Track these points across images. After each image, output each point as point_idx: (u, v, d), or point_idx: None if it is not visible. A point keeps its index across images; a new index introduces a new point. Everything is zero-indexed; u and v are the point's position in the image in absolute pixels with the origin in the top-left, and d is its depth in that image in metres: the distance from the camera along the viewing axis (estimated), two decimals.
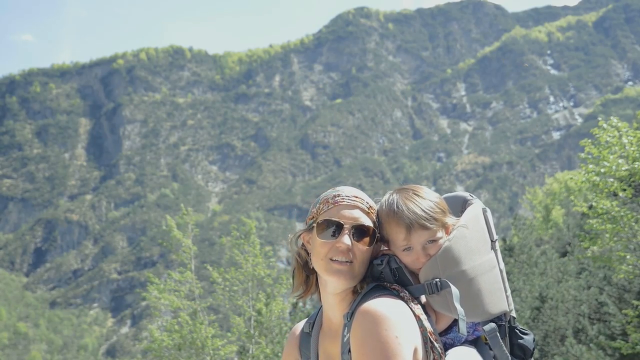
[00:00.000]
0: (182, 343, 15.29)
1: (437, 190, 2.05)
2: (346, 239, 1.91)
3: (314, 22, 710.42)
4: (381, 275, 1.95)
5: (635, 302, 11.59)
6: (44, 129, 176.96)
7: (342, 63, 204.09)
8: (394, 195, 1.99)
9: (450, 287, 1.85)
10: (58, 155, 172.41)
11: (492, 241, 2.01)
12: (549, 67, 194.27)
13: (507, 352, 1.94)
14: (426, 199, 1.96)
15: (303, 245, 2.04)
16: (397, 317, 1.79)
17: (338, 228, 1.93)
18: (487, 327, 1.93)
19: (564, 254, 22.76)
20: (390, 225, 1.95)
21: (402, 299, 1.87)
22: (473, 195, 2.09)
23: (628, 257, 10.85)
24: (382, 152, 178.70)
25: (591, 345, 13.48)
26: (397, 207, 1.95)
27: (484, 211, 2.04)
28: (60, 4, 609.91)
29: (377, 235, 1.98)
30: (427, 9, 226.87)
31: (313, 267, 2.02)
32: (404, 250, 1.95)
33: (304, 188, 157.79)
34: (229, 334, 16.09)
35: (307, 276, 2.05)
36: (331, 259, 1.93)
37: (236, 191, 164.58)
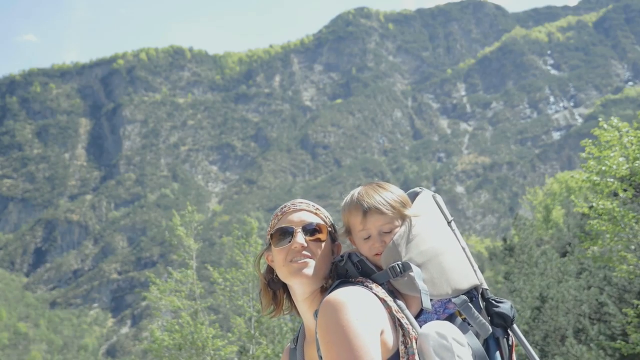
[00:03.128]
0: (182, 343, 15.29)
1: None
2: (299, 238, 2.00)
3: (314, 22, 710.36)
4: (347, 273, 2.00)
5: (636, 302, 11.60)
6: (44, 129, 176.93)
7: (342, 63, 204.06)
8: (359, 187, 2.11)
9: (411, 267, 1.92)
10: (58, 155, 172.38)
11: (448, 223, 2.10)
12: (549, 67, 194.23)
13: (485, 322, 1.95)
14: (387, 190, 2.06)
15: (268, 265, 2.12)
16: (356, 302, 1.82)
17: (289, 233, 2.01)
18: (456, 300, 1.96)
19: (564, 254, 22.76)
20: (350, 212, 2.05)
21: (365, 287, 1.91)
22: (423, 188, 2.18)
23: (628, 257, 10.86)
24: (382, 152, 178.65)
25: (591, 345, 13.49)
26: (358, 194, 2.06)
27: (434, 197, 2.14)
28: (62, 4, 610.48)
29: (330, 229, 2.09)
30: (428, 9, 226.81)
31: (278, 282, 2.10)
32: (362, 237, 2.03)
33: (304, 188, 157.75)
34: (229, 335, 16.08)
35: (274, 293, 2.12)
36: (290, 261, 1.99)
37: (236, 191, 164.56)
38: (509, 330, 2.04)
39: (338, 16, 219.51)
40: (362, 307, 1.81)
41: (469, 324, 1.95)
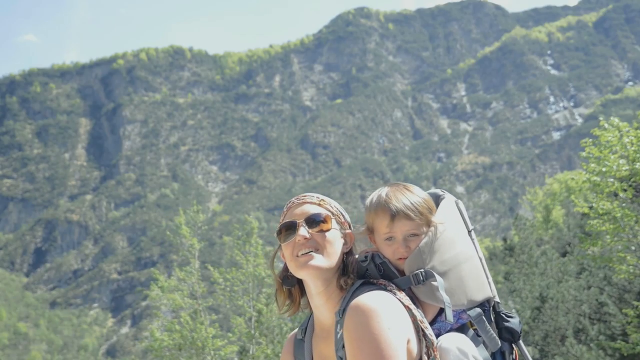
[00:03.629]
0: (182, 343, 15.28)
1: None
2: (302, 231, 1.98)
3: (314, 22, 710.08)
4: (367, 272, 2.00)
5: (636, 303, 11.61)
6: (44, 129, 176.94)
7: (342, 63, 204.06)
8: (385, 187, 2.09)
9: (434, 276, 1.92)
10: (58, 155, 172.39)
11: (468, 231, 2.09)
12: (549, 67, 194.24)
13: (495, 335, 1.98)
14: (415, 194, 2.05)
15: (285, 263, 2.11)
16: (388, 309, 1.82)
17: (293, 227, 2.01)
18: (472, 312, 1.97)
19: (564, 254, 22.77)
20: (377, 213, 2.03)
21: (389, 291, 1.90)
22: (444, 191, 2.15)
23: (628, 257, 10.86)
24: (382, 152, 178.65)
25: (591, 345, 13.50)
26: (386, 195, 2.03)
27: (457, 203, 2.12)
28: (63, 4, 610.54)
29: (338, 218, 2.06)
30: (428, 9, 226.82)
31: (293, 279, 2.08)
32: (386, 239, 2.02)
33: (304, 188, 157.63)
34: (229, 335, 16.08)
35: (289, 291, 2.11)
36: (297, 256, 1.98)
37: (236, 191, 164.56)
38: (514, 345, 2.06)
39: (338, 16, 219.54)
40: (392, 316, 1.82)
41: (478, 335, 1.97)
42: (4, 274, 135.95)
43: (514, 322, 2.03)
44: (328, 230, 2.00)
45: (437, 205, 2.10)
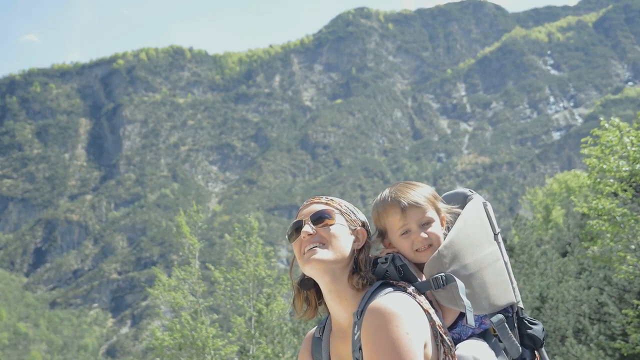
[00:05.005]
0: (182, 343, 15.29)
1: (437, 191, 2.11)
2: (305, 228, 1.99)
3: (314, 22, 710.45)
4: (386, 273, 1.97)
5: (636, 303, 11.61)
6: (44, 129, 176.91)
7: (342, 63, 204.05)
8: (386, 189, 2.10)
9: (455, 280, 1.88)
10: (58, 155, 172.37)
11: (494, 234, 2.04)
12: (549, 67, 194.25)
13: (517, 342, 1.95)
14: (416, 186, 2.06)
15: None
16: (407, 313, 1.80)
17: (300, 226, 2.02)
18: (494, 319, 1.95)
19: (564, 254, 22.78)
20: (387, 212, 2.02)
21: (409, 294, 1.88)
22: (473, 191, 2.12)
23: (628, 257, 10.86)
24: (382, 152, 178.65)
25: (591, 345, 13.50)
26: (391, 193, 2.03)
27: (485, 205, 2.07)
28: (64, 5, 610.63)
29: (347, 215, 2.06)
30: (428, 9, 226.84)
31: (309, 282, 2.07)
32: (402, 234, 2.00)
33: (304, 188, 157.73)
34: (229, 334, 16.08)
35: (306, 295, 2.09)
36: (303, 253, 1.98)
37: (236, 191, 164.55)
38: (536, 351, 2.03)
39: (338, 16, 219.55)
40: (411, 320, 1.80)
41: (499, 341, 1.96)
42: (4, 274, 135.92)
43: (537, 330, 2.01)
44: (332, 225, 2.00)
45: (464, 205, 2.08)
